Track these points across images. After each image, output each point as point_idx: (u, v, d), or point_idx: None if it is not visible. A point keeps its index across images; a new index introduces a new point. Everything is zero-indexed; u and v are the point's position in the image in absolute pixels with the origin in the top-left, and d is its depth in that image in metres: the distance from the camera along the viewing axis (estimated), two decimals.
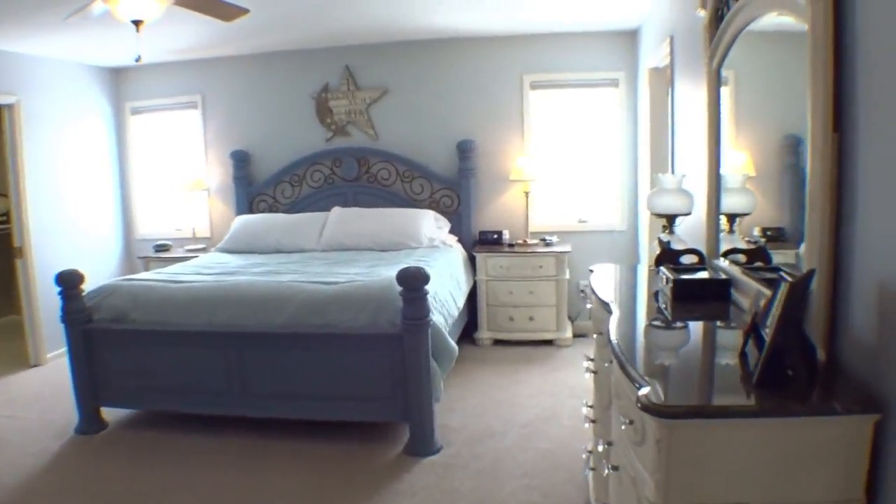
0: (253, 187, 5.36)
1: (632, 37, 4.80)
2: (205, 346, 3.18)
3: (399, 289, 2.95)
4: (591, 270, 2.61)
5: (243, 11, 2.98)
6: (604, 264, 2.82)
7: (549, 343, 4.68)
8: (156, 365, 3.24)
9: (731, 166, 2.22)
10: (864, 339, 1.27)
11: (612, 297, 2.11)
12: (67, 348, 3.34)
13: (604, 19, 4.48)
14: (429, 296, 3.02)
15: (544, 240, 4.84)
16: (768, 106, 2.00)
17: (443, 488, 2.70)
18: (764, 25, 1.82)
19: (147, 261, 5.16)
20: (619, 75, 4.87)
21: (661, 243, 2.35)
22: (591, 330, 2.53)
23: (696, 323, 1.81)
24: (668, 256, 2.26)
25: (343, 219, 4.84)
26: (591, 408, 2.37)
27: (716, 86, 2.27)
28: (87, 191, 5.24)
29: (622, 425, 1.37)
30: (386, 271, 3.52)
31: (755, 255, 1.98)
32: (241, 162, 5.30)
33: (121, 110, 5.56)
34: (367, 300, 3.10)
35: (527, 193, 4.89)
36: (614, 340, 1.59)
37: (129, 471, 2.95)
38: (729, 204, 2.23)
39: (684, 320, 1.84)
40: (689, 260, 2.23)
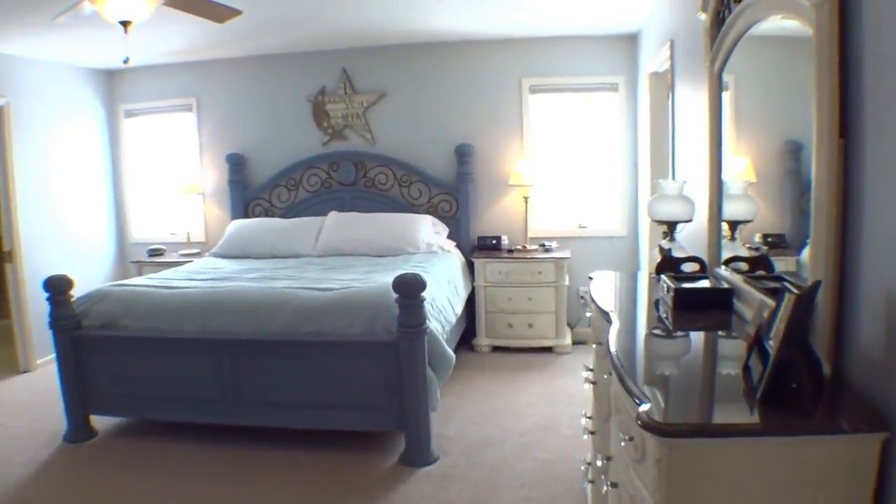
0: (248, 191, 5.31)
1: (632, 41, 4.77)
2: (197, 353, 3.13)
3: (395, 296, 2.90)
4: (591, 278, 2.56)
5: (236, 13, 2.94)
6: (604, 272, 2.78)
7: (548, 350, 4.63)
8: (147, 372, 3.18)
9: (733, 172, 2.18)
10: (872, 353, 1.22)
11: (612, 306, 2.07)
12: (56, 355, 3.28)
13: (604, 23, 4.45)
14: (426, 303, 2.98)
15: (543, 245, 4.79)
16: (769, 111, 1.97)
17: (439, 499, 2.64)
18: (766, 29, 1.78)
19: (140, 265, 5.11)
20: (619, 79, 4.83)
21: (662, 251, 2.30)
22: (591, 338, 2.48)
23: (697, 333, 1.76)
24: (669, 264, 2.22)
25: (340, 224, 4.80)
26: (590, 419, 2.32)
27: (717, 90, 2.23)
28: (80, 194, 5.19)
29: (622, 442, 1.32)
30: (382, 277, 3.47)
31: (757, 263, 1.93)
32: (237, 166, 5.26)
33: (114, 113, 5.51)
34: (362, 307, 3.05)
35: (526, 198, 4.85)
36: (614, 352, 1.55)
37: (118, 480, 2.90)
38: (731, 211, 2.19)
39: (686, 330, 1.79)
40: (690, 268, 2.19)
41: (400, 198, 5.07)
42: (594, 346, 2.24)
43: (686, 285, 1.96)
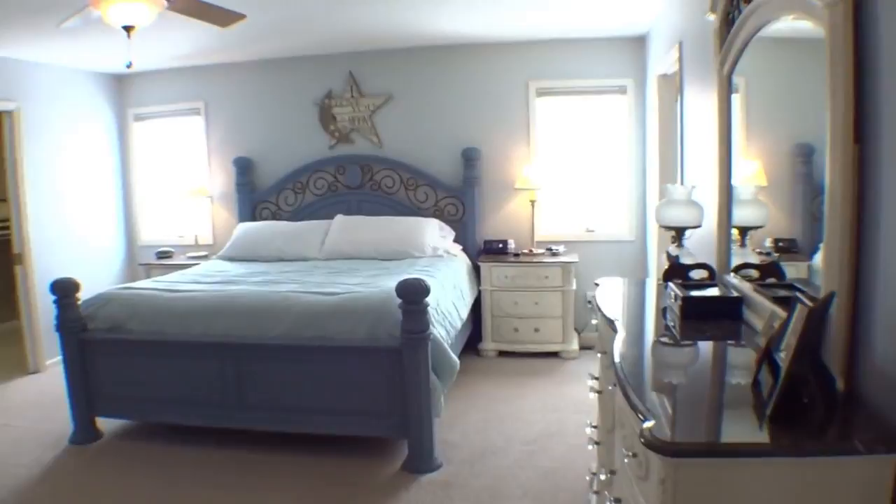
0: (256, 194, 5.30)
1: (640, 43, 4.71)
2: (201, 356, 3.11)
3: (398, 301, 2.87)
4: (597, 284, 2.51)
5: (240, 17, 2.93)
6: (610, 278, 2.72)
7: (554, 355, 4.57)
8: (151, 375, 3.17)
9: (743, 176, 2.13)
10: (888, 368, 1.17)
11: (618, 314, 2.02)
12: (62, 357, 3.29)
13: (611, 24, 4.39)
14: (430, 308, 2.94)
15: (550, 249, 4.74)
16: (781, 113, 1.92)
17: None
18: (777, 30, 1.73)
19: (148, 268, 5.11)
20: (628, 82, 4.77)
21: (670, 257, 2.25)
22: (597, 345, 2.43)
23: (706, 343, 1.71)
24: (677, 271, 2.17)
25: (346, 227, 4.78)
26: (595, 428, 2.27)
27: (727, 93, 2.17)
28: (90, 197, 5.21)
29: (625, 458, 1.28)
30: (387, 282, 3.44)
31: (768, 270, 1.88)
32: (244, 169, 5.26)
33: (123, 117, 5.53)
34: (365, 312, 3.02)
35: (533, 202, 4.80)
36: (618, 363, 1.50)
37: (122, 482, 2.89)
38: (741, 216, 2.13)
39: (693, 340, 1.75)
40: (698, 275, 2.13)
41: (406, 201, 5.04)
42: (599, 354, 2.19)
43: (694, 293, 1.91)
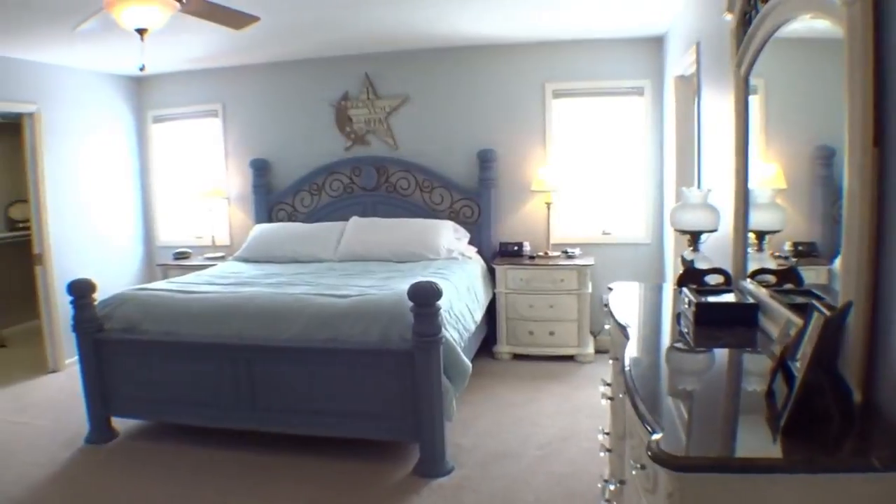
0: (272, 196, 5.34)
1: (657, 44, 4.64)
2: (214, 358, 3.13)
3: (410, 304, 2.86)
4: (610, 289, 2.47)
5: (254, 19, 2.94)
6: (625, 283, 2.68)
7: (570, 359, 4.53)
8: (166, 376, 3.20)
9: (761, 179, 2.08)
10: None
11: (632, 320, 1.98)
12: (79, 357, 3.33)
13: (629, 25, 4.34)
14: (443, 310, 2.92)
15: (566, 252, 4.69)
16: (800, 115, 1.87)
17: None
18: (795, 30, 1.69)
19: (166, 268, 5.17)
20: (645, 83, 4.71)
21: (685, 262, 2.21)
22: (610, 351, 2.39)
23: (720, 350, 1.67)
24: (692, 276, 2.12)
25: (360, 229, 4.78)
26: (608, 435, 2.23)
27: (744, 94, 2.13)
28: (109, 198, 5.28)
29: (633, 469, 1.25)
30: (400, 284, 3.42)
31: (786, 275, 1.83)
32: (261, 170, 5.29)
33: (142, 119, 5.61)
34: (377, 315, 3.01)
35: (548, 204, 4.76)
36: (627, 370, 1.47)
37: (136, 482, 2.92)
38: (758, 220, 2.08)
39: (707, 347, 1.70)
40: (714, 280, 2.09)
41: (421, 203, 5.03)
42: (611, 361, 2.15)
43: (708, 299, 1.87)
